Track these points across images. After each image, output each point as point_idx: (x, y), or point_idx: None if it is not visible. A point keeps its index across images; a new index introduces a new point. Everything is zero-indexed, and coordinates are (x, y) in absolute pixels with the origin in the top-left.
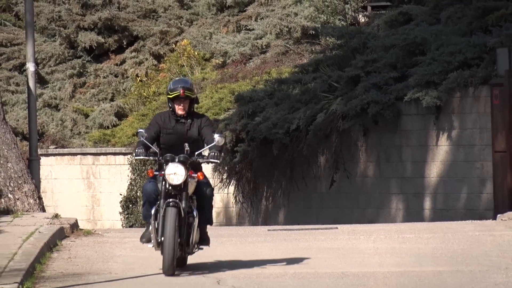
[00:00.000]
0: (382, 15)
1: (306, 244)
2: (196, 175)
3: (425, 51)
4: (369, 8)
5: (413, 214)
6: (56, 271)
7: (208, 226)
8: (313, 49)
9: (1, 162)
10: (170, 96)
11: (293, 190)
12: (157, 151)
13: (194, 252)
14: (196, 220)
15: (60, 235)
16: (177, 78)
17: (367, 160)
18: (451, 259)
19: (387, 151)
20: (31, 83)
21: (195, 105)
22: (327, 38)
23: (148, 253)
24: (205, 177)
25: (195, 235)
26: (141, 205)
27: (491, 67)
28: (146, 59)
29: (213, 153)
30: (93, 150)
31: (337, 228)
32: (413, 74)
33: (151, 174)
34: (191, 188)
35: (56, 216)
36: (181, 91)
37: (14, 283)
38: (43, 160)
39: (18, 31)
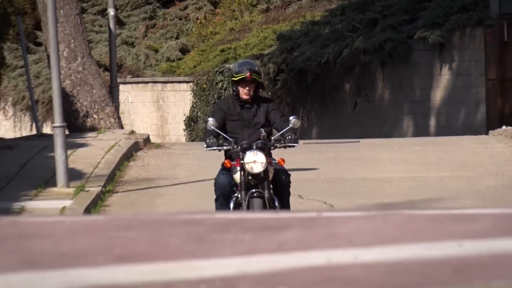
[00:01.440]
0: None
1: (334, 154)
2: (276, 161)
3: None
4: None
5: (421, 130)
6: (132, 176)
7: None
8: None
9: (87, 89)
10: (235, 79)
11: (324, 111)
12: (231, 140)
13: None
14: (277, 209)
15: (135, 148)
16: (242, 60)
17: (383, 87)
18: (451, 167)
19: (400, 80)
20: (112, 25)
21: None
22: None
23: (207, 162)
24: (281, 166)
25: None
26: (214, 200)
27: (485, 11)
28: (205, 5)
29: (290, 136)
30: (162, 79)
31: (359, 142)
32: (421, 17)
33: (228, 164)
34: (270, 176)
35: (132, 132)
36: (248, 74)
37: (98, 186)
38: (121, 87)
39: None
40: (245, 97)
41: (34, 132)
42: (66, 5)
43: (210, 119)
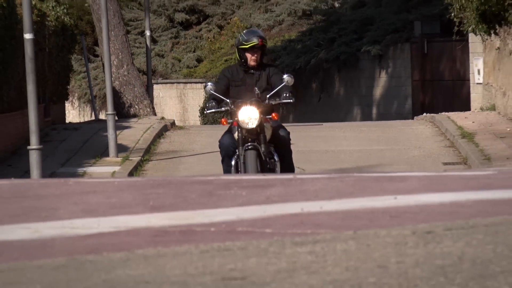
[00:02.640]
0: (348, 1)
1: (305, 134)
2: (270, 116)
3: (373, 22)
4: None
5: (366, 117)
6: (162, 150)
7: None
8: (309, 22)
9: (131, 87)
10: (246, 46)
11: (297, 103)
12: (228, 101)
13: None
14: (278, 166)
15: (164, 129)
16: (248, 29)
17: (339, 86)
18: (387, 142)
19: (351, 81)
20: (148, 42)
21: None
22: (317, 16)
23: (216, 138)
24: (279, 122)
25: None
26: (221, 161)
27: (411, 32)
28: (213, 28)
29: (285, 94)
30: (183, 81)
31: (322, 124)
32: (366, 36)
33: (225, 122)
34: (268, 134)
35: (162, 118)
36: (259, 40)
37: (138, 156)
38: (154, 86)
39: (139, 12)
40: (253, 63)
41: (93, 118)
42: (115, 28)
43: (209, 84)
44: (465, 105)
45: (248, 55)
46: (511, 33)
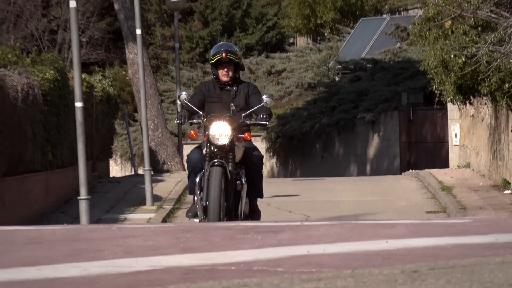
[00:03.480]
0: (346, 76)
1: (310, 187)
2: (243, 136)
3: (367, 94)
4: (340, 73)
5: (361, 172)
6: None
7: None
8: (313, 93)
9: (164, 147)
10: (213, 61)
11: (304, 160)
12: (201, 114)
13: None
14: (245, 188)
15: None
16: (219, 43)
17: (339, 146)
18: (379, 194)
19: (349, 142)
20: (179, 109)
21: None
22: (320, 88)
23: None
24: (252, 144)
25: (243, 205)
26: (187, 177)
27: (399, 101)
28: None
29: (261, 115)
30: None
31: (324, 179)
32: (361, 105)
33: (194, 135)
34: (238, 154)
35: None
36: (224, 54)
37: (170, 205)
38: (184, 146)
39: (172, 84)
40: (224, 79)
41: (132, 173)
42: (152, 97)
43: (184, 93)
44: (444, 163)
45: (219, 71)
46: (483, 103)
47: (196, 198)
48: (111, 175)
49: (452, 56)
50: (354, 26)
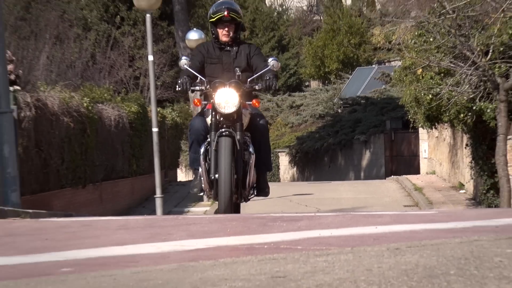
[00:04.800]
0: (346, 108)
1: (320, 187)
2: (250, 103)
3: (361, 121)
4: (342, 107)
5: (357, 177)
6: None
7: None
8: (323, 121)
9: None
10: (213, 19)
11: (316, 169)
12: (204, 80)
13: (249, 199)
14: (253, 158)
15: None
16: (218, 1)
17: (341, 159)
18: (369, 193)
19: (348, 156)
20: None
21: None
22: (327, 117)
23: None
24: (258, 110)
25: (252, 176)
26: (188, 148)
27: (384, 127)
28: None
29: (268, 78)
30: None
31: (330, 182)
32: (357, 129)
33: (198, 103)
34: (245, 121)
35: None
36: (226, 12)
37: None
38: None
39: None
40: (224, 39)
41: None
42: None
43: (184, 58)
44: (416, 171)
45: (219, 30)
46: (444, 128)
47: (201, 170)
48: (178, 180)
49: (422, 94)
50: (352, 73)
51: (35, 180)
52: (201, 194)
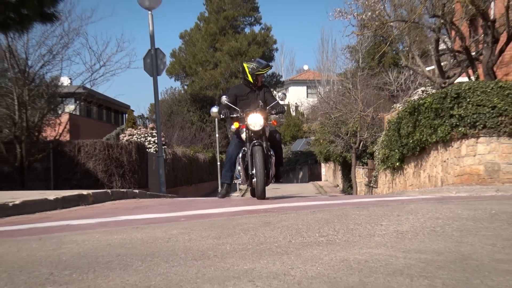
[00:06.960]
0: (294, 155)
1: (282, 186)
2: (271, 122)
3: (299, 159)
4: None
5: (297, 182)
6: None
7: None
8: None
9: None
10: (262, 72)
11: (283, 178)
12: (239, 110)
13: (269, 184)
14: (273, 158)
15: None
16: (257, 59)
17: (291, 174)
18: (301, 188)
19: (294, 173)
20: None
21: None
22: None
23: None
24: (274, 127)
25: (273, 169)
26: (225, 169)
27: (308, 162)
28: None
29: (279, 107)
30: None
31: (287, 184)
32: (297, 162)
33: (237, 125)
34: (267, 134)
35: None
36: (268, 68)
37: (244, 191)
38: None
39: None
40: (259, 85)
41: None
42: None
43: (224, 96)
44: (320, 179)
45: (259, 78)
46: (330, 162)
47: (239, 167)
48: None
49: (323, 149)
50: (296, 141)
51: (172, 182)
52: (222, 198)
